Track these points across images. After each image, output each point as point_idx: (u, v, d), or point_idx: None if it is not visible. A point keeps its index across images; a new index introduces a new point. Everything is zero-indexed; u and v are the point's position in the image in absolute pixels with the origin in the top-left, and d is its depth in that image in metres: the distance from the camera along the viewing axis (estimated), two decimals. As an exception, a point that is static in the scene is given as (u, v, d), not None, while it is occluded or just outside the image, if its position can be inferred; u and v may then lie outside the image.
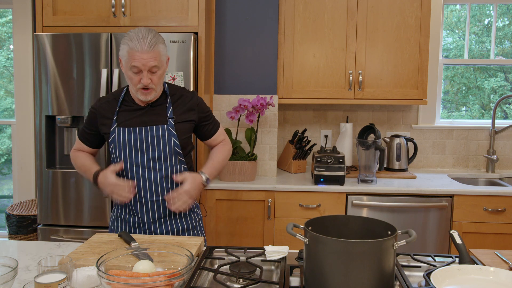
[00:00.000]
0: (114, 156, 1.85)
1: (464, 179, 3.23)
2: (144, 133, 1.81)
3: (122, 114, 1.84)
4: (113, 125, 1.83)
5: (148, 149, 1.81)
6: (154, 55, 1.72)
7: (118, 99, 1.87)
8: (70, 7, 2.79)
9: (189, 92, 1.95)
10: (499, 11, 3.50)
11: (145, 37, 1.71)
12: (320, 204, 2.78)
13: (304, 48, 3.05)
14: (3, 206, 4.60)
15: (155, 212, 1.86)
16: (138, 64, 1.71)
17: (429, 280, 1.29)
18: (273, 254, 1.51)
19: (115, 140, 1.82)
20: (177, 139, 1.84)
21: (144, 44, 1.70)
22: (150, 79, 1.74)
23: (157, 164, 1.83)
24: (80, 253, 1.53)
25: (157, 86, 1.79)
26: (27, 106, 3.58)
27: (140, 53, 1.70)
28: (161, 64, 1.76)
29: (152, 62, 1.72)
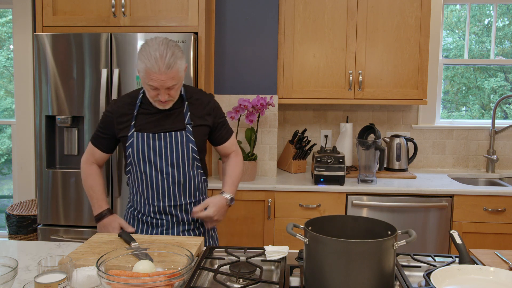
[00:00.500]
0: (131, 160, 1.84)
1: (464, 179, 3.23)
2: (163, 139, 1.81)
3: (140, 117, 1.83)
4: (131, 129, 1.82)
5: (167, 155, 1.81)
6: (172, 75, 1.68)
7: (135, 102, 1.85)
8: (70, 7, 2.79)
9: (206, 95, 1.94)
10: (499, 11, 3.50)
11: (163, 57, 1.65)
12: (320, 204, 2.77)
13: (304, 48, 3.05)
14: (3, 206, 4.60)
15: (174, 216, 1.87)
16: (156, 85, 1.69)
17: (429, 280, 1.29)
18: (273, 254, 1.51)
19: (133, 145, 1.81)
20: (195, 145, 1.84)
21: (162, 65, 1.65)
22: (168, 94, 1.73)
23: (175, 170, 1.83)
24: (80, 253, 1.53)
25: (175, 97, 1.78)
26: (27, 106, 3.58)
27: (158, 75, 1.66)
28: (179, 80, 1.73)
29: (170, 82, 1.69)
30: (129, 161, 1.85)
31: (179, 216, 1.87)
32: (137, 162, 1.82)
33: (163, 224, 1.87)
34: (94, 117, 2.71)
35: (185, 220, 1.89)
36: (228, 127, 2.00)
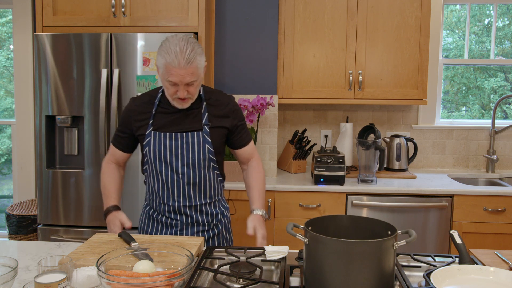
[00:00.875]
0: (148, 159, 1.84)
1: (464, 179, 3.23)
2: (180, 139, 1.80)
3: (158, 116, 1.83)
4: (149, 128, 1.82)
5: (183, 155, 1.81)
6: (191, 70, 1.67)
7: (154, 101, 1.85)
8: (70, 7, 2.79)
9: (226, 96, 1.92)
10: (499, 11, 3.50)
11: (183, 52, 1.65)
12: (320, 204, 2.77)
13: (304, 48, 3.05)
14: (3, 206, 4.60)
15: (188, 217, 1.87)
16: (175, 80, 1.68)
17: (429, 280, 1.29)
18: (273, 254, 1.51)
19: (149, 144, 1.81)
20: (211, 146, 1.83)
21: (182, 60, 1.65)
22: (187, 91, 1.72)
23: (191, 171, 1.82)
24: (80, 253, 1.53)
25: (194, 95, 1.76)
26: (27, 106, 3.57)
27: (178, 69, 1.65)
28: (198, 76, 1.73)
29: (189, 78, 1.68)
30: (146, 159, 1.86)
31: (193, 216, 1.87)
32: (153, 161, 1.83)
33: (177, 225, 1.87)
34: (94, 117, 2.71)
35: (199, 221, 1.88)
36: (247, 131, 1.97)
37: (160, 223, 1.89)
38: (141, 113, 1.85)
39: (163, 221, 1.88)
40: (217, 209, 1.93)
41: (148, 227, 1.92)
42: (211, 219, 1.90)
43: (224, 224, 1.97)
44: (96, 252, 1.53)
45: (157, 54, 1.73)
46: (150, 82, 2.67)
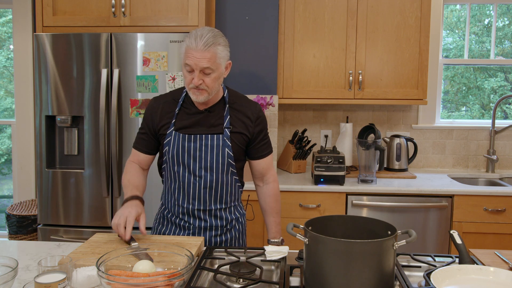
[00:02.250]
0: (166, 158, 1.82)
1: (464, 179, 3.23)
2: (199, 141, 1.77)
3: (181, 116, 1.80)
4: (171, 127, 1.79)
5: (201, 157, 1.78)
6: (208, 55, 1.65)
7: (178, 100, 1.83)
8: (70, 7, 2.79)
9: (251, 103, 1.88)
10: (499, 11, 3.50)
11: (203, 36, 1.65)
12: (320, 204, 2.77)
13: (304, 48, 3.05)
14: (3, 206, 4.60)
15: (202, 221, 1.83)
16: (191, 63, 1.66)
17: (429, 280, 1.29)
18: (273, 254, 1.51)
19: (169, 144, 1.79)
20: (231, 150, 1.79)
21: (200, 42, 1.63)
22: (202, 80, 1.68)
23: (208, 174, 1.79)
24: (80, 253, 1.53)
25: (211, 88, 1.72)
26: (27, 106, 3.58)
27: (195, 51, 1.64)
28: (216, 67, 1.69)
29: (204, 62, 1.65)
30: (164, 159, 1.83)
31: (207, 220, 1.83)
32: (171, 162, 1.80)
33: (190, 228, 1.84)
34: (94, 117, 2.71)
35: (213, 225, 1.84)
36: (268, 143, 1.91)
37: (174, 225, 1.87)
38: (165, 112, 1.82)
39: (177, 222, 1.86)
40: (232, 214, 1.89)
41: (162, 227, 1.90)
42: (225, 223, 1.86)
43: (238, 230, 1.92)
44: (96, 252, 1.53)
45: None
46: (150, 82, 2.67)
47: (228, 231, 1.88)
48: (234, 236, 1.90)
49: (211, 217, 1.83)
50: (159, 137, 1.85)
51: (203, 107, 1.81)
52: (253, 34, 3.01)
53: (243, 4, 2.99)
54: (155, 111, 1.84)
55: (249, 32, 3.01)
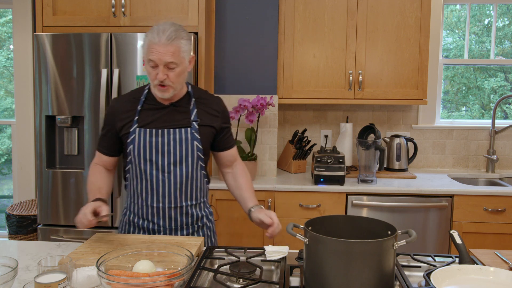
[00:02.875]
0: (131, 158, 1.77)
1: (464, 179, 3.23)
2: (167, 135, 1.74)
3: (144, 113, 1.77)
4: (134, 125, 1.75)
5: (170, 152, 1.74)
6: (172, 49, 1.62)
7: (139, 98, 1.79)
8: (70, 7, 2.79)
9: (214, 97, 1.88)
10: (499, 11, 3.50)
11: (165, 30, 1.62)
12: (320, 204, 2.78)
13: (304, 48, 3.05)
14: (3, 206, 4.60)
15: (172, 219, 1.79)
16: (154, 58, 1.63)
17: (429, 280, 1.29)
18: (273, 254, 1.51)
19: (134, 142, 1.74)
20: (200, 144, 1.77)
21: (163, 36, 1.61)
22: (166, 75, 1.66)
23: (178, 169, 1.75)
24: (80, 253, 1.53)
25: (176, 84, 1.69)
26: (27, 106, 3.58)
27: (158, 46, 1.62)
28: (180, 61, 1.66)
29: (168, 57, 1.62)
30: (129, 159, 1.79)
31: (178, 219, 1.80)
32: (137, 160, 1.76)
33: (159, 230, 1.80)
34: (94, 117, 2.71)
35: (183, 223, 1.81)
36: (232, 136, 1.93)
37: (141, 229, 1.82)
38: (125, 112, 1.78)
39: (145, 226, 1.80)
40: (202, 211, 1.86)
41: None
42: (196, 220, 1.83)
43: (209, 228, 1.90)
44: (96, 252, 1.53)
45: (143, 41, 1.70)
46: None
47: (199, 229, 1.85)
48: (206, 235, 1.87)
49: (182, 215, 1.80)
50: (121, 138, 1.80)
51: (168, 102, 1.77)
52: (253, 34, 3.01)
53: (243, 4, 2.99)
54: (115, 110, 1.80)
55: (249, 32, 3.01)
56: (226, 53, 3.03)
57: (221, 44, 3.03)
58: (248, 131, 2.97)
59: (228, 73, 3.04)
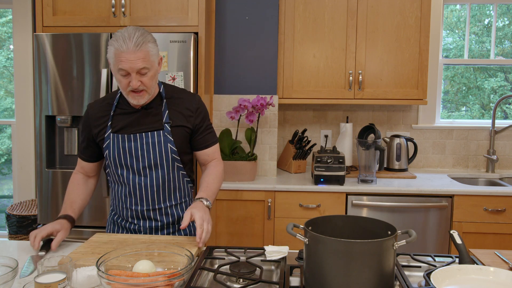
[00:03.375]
0: (108, 162, 1.79)
1: (464, 179, 3.23)
2: (139, 140, 1.73)
3: (117, 118, 1.77)
4: (108, 130, 1.76)
5: (144, 156, 1.74)
6: (142, 55, 1.60)
7: (112, 103, 1.79)
8: (70, 7, 2.79)
9: (190, 94, 1.85)
10: (499, 11, 3.50)
11: (131, 36, 1.59)
12: (320, 204, 2.78)
13: (304, 48, 3.05)
14: (3, 206, 4.60)
15: (152, 220, 1.80)
16: (125, 67, 1.60)
17: (429, 280, 1.29)
18: (273, 254, 1.51)
19: (109, 147, 1.75)
20: (174, 145, 1.75)
21: (130, 43, 1.58)
22: (140, 81, 1.64)
23: (153, 172, 1.75)
24: (80, 253, 1.53)
25: (149, 88, 1.68)
26: (27, 106, 3.58)
27: (127, 54, 1.59)
28: (151, 65, 1.65)
29: (139, 63, 1.60)
30: (107, 163, 1.80)
31: (158, 220, 1.79)
32: (114, 165, 1.77)
33: (141, 231, 1.80)
34: (94, 117, 2.70)
35: (164, 223, 1.80)
36: (213, 133, 1.87)
37: (124, 229, 1.83)
38: (99, 118, 1.78)
39: (127, 227, 1.82)
40: (184, 211, 1.83)
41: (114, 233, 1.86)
42: (177, 221, 1.82)
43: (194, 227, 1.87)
44: (96, 252, 1.53)
45: (107, 49, 1.66)
46: (150, 82, 2.66)
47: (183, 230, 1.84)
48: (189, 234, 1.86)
49: (162, 216, 1.79)
50: (98, 143, 1.80)
51: (139, 106, 1.76)
52: (253, 34, 3.01)
53: (243, 4, 2.99)
54: (90, 117, 1.80)
55: (249, 32, 3.01)
56: (226, 53, 3.03)
57: (221, 44, 3.03)
58: (248, 131, 2.97)
59: (228, 73, 3.04)
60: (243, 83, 3.03)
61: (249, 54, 3.02)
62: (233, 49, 3.03)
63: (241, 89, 3.04)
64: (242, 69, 3.03)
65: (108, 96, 1.85)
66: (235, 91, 3.04)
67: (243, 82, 3.03)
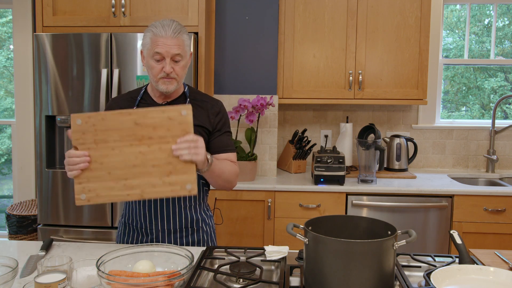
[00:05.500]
0: None
1: (464, 179, 3.23)
2: None
3: None
4: None
5: None
6: (178, 42, 1.67)
7: (136, 97, 1.81)
8: (70, 7, 2.79)
9: (213, 99, 1.85)
10: (499, 11, 3.50)
11: (170, 25, 1.67)
12: (320, 204, 2.78)
13: (304, 48, 3.05)
14: (3, 206, 4.60)
15: (164, 222, 1.77)
16: (161, 50, 1.65)
17: (429, 280, 1.29)
18: (273, 254, 1.51)
19: None
20: None
21: (169, 30, 1.66)
22: (172, 68, 1.68)
23: None
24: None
25: (180, 77, 1.71)
26: (27, 106, 3.58)
27: (164, 39, 1.65)
28: (185, 54, 1.71)
29: (175, 49, 1.66)
30: None
31: (170, 222, 1.77)
32: None
33: (152, 232, 1.78)
34: (94, 117, 2.70)
35: (177, 226, 1.78)
36: (231, 141, 1.85)
37: (136, 231, 1.81)
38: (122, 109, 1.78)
39: (138, 228, 1.80)
40: (198, 214, 1.81)
41: (125, 236, 1.84)
42: (190, 223, 1.79)
43: (206, 232, 1.84)
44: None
45: (143, 38, 1.71)
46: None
47: (194, 232, 1.81)
48: (202, 238, 1.83)
49: (175, 218, 1.77)
50: None
51: (163, 101, 1.77)
52: (253, 34, 3.01)
53: (243, 4, 2.99)
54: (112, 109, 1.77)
55: (249, 32, 3.01)
56: (226, 53, 3.03)
57: (221, 44, 3.03)
58: (248, 131, 2.97)
59: (228, 73, 3.04)
60: (243, 83, 3.03)
61: (249, 54, 3.02)
62: (233, 49, 3.03)
63: (241, 89, 3.04)
64: (242, 69, 3.03)
65: (133, 91, 1.86)
66: (235, 91, 3.04)
67: (243, 82, 3.03)
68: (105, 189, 1.47)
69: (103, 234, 2.71)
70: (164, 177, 1.47)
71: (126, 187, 1.47)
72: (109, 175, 1.47)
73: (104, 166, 1.47)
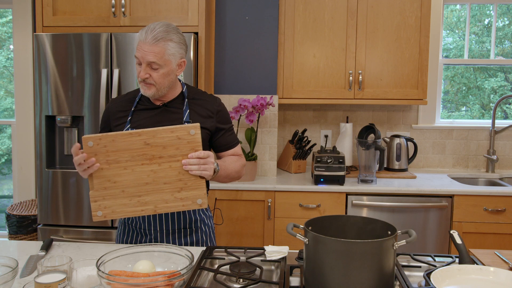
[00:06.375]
0: None
1: (464, 179, 3.23)
2: None
3: (137, 113, 1.77)
4: (127, 125, 1.76)
5: None
6: (155, 50, 1.62)
7: (135, 99, 1.81)
8: (70, 7, 2.79)
9: (211, 97, 1.85)
10: (499, 11, 3.50)
11: (154, 30, 1.63)
12: (320, 204, 2.78)
13: (304, 48, 3.05)
14: (3, 206, 4.60)
15: (163, 221, 1.77)
16: (138, 55, 1.65)
17: (429, 280, 1.29)
18: (273, 254, 1.51)
19: None
20: None
21: (149, 35, 1.62)
22: (149, 74, 1.66)
23: None
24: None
25: (159, 84, 1.68)
26: (27, 106, 3.58)
27: (143, 44, 1.63)
28: (164, 63, 1.65)
29: (150, 56, 1.62)
30: None
31: (169, 221, 1.77)
32: None
33: (151, 233, 1.78)
34: (94, 117, 2.71)
35: (175, 226, 1.78)
36: (234, 135, 1.88)
37: (135, 231, 1.81)
38: (120, 112, 1.79)
39: (138, 228, 1.80)
40: (197, 215, 1.81)
41: (124, 236, 1.84)
42: (189, 224, 1.79)
43: (205, 232, 1.84)
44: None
45: None
46: (150, 82, 2.66)
47: (193, 232, 1.81)
48: (201, 239, 1.83)
49: (174, 218, 1.77)
50: None
51: (160, 102, 1.77)
52: (253, 34, 3.01)
53: (243, 4, 2.99)
54: (110, 111, 1.82)
55: (249, 32, 3.01)
56: (226, 53, 3.03)
57: (221, 44, 3.03)
58: (248, 131, 2.97)
59: (228, 73, 3.04)
60: (243, 83, 3.03)
61: (249, 54, 3.02)
62: (233, 49, 3.03)
63: (241, 89, 3.04)
64: (242, 69, 3.03)
65: (131, 92, 1.86)
66: (235, 91, 3.04)
67: (243, 82, 3.03)
68: (120, 206, 1.52)
69: (103, 234, 2.72)
70: (176, 193, 1.53)
71: (139, 203, 1.53)
72: (122, 193, 1.52)
73: (118, 185, 1.52)
